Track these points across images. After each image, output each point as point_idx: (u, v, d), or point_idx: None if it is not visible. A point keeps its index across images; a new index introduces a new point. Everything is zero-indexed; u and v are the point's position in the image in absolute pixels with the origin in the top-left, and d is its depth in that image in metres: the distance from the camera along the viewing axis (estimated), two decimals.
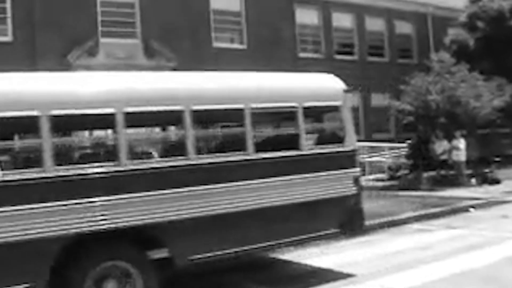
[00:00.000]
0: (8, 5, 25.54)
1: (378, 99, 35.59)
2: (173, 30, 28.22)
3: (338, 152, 11.32)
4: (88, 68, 26.30)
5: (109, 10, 27.49)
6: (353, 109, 33.95)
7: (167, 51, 27.85)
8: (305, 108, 11.03)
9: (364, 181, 25.37)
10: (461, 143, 24.81)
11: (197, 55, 28.79)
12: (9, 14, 25.52)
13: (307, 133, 11.12)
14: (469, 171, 25.16)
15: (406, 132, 28.98)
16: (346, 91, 12.27)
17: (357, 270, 11.18)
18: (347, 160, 11.37)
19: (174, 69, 27.98)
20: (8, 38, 25.43)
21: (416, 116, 26.00)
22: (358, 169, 11.63)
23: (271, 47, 31.07)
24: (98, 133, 13.76)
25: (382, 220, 16.30)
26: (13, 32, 25.47)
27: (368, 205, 19.41)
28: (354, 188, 11.29)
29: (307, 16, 34.29)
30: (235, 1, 30.90)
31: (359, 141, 30.18)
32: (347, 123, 11.59)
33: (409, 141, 26.60)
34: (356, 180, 11.35)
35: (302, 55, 33.53)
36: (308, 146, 11.07)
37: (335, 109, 11.84)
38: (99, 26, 27.05)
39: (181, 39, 28.32)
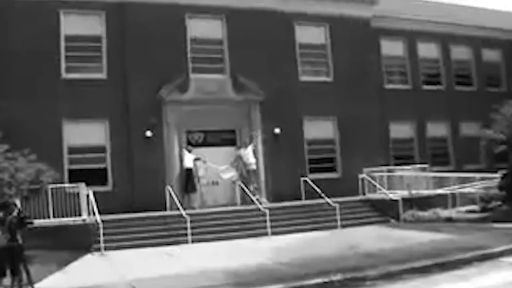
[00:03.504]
0: (103, 44, 26.25)
1: (468, 129, 34.45)
2: (260, 65, 28.27)
3: None
4: (179, 103, 26.64)
5: (198, 47, 27.80)
6: (442, 140, 33.26)
7: (254, 85, 27.86)
8: None
9: (455, 213, 24.62)
10: None
11: (284, 89, 28.69)
12: (104, 52, 26.20)
13: None
14: None
15: (498, 161, 27.81)
16: None
17: None
18: None
19: (262, 103, 28.02)
20: (102, 75, 26.11)
21: (509, 145, 24.91)
22: None
23: (357, 79, 30.66)
24: None
25: (476, 253, 15.52)
26: (107, 69, 26.11)
27: (461, 237, 18.74)
28: None
29: (392, 47, 33.69)
30: (320, 35, 30.68)
31: (448, 171, 29.41)
32: None
33: (501, 171, 25.50)
34: None
35: (388, 86, 32.93)
36: None
37: None
38: (189, 63, 27.36)
39: (268, 73, 28.30)
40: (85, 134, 25.48)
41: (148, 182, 25.56)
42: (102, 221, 20.36)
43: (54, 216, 20.60)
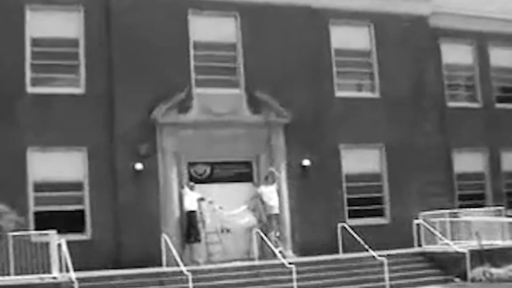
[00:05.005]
0: (81, 49, 26.43)
1: None
2: (284, 77, 28.33)
3: None
4: (179, 125, 26.63)
5: (204, 54, 27.92)
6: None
7: (276, 103, 27.87)
8: None
9: None
10: None
11: (316, 108, 28.67)
12: (82, 60, 26.37)
13: None
14: None
15: None
16: None
17: None
18: None
19: (286, 126, 27.96)
20: (80, 90, 26.23)
21: None
22: None
23: (411, 95, 30.63)
24: None
25: None
26: (86, 81, 26.23)
27: None
28: None
29: (457, 54, 33.58)
30: (363, 38, 30.67)
31: None
32: None
33: None
34: None
35: (451, 104, 32.76)
36: None
37: None
38: (192, 74, 27.47)
39: (295, 88, 28.34)
40: (56, 166, 25.51)
41: (138, 229, 25.56)
42: (78, 279, 20.31)
43: (16, 273, 20.58)
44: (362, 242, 25.89)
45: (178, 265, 22.78)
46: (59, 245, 21.31)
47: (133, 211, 25.74)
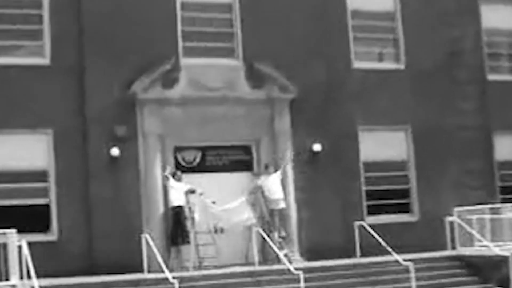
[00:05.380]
0: (46, 11, 26.34)
1: None
2: (290, 44, 28.33)
3: None
4: (163, 102, 26.60)
5: (194, 16, 27.90)
6: None
7: (281, 75, 27.82)
8: None
9: None
10: None
11: (328, 82, 28.61)
12: (46, 24, 26.30)
13: None
14: None
15: None
16: None
17: None
18: None
19: (293, 103, 27.93)
20: (45, 60, 26.22)
21: None
22: None
23: (443, 66, 30.58)
24: None
25: None
26: (52, 50, 26.23)
27: None
28: None
29: (499, 16, 33.54)
30: None
31: None
32: None
33: None
34: None
35: (492, 77, 32.70)
36: None
37: None
38: (179, 40, 27.47)
39: (303, 58, 28.33)
40: (16, 152, 25.47)
41: (115, 228, 25.58)
42: None
43: None
44: (383, 243, 25.94)
45: (162, 271, 22.74)
46: (20, 247, 21.32)
47: (108, 206, 25.79)
